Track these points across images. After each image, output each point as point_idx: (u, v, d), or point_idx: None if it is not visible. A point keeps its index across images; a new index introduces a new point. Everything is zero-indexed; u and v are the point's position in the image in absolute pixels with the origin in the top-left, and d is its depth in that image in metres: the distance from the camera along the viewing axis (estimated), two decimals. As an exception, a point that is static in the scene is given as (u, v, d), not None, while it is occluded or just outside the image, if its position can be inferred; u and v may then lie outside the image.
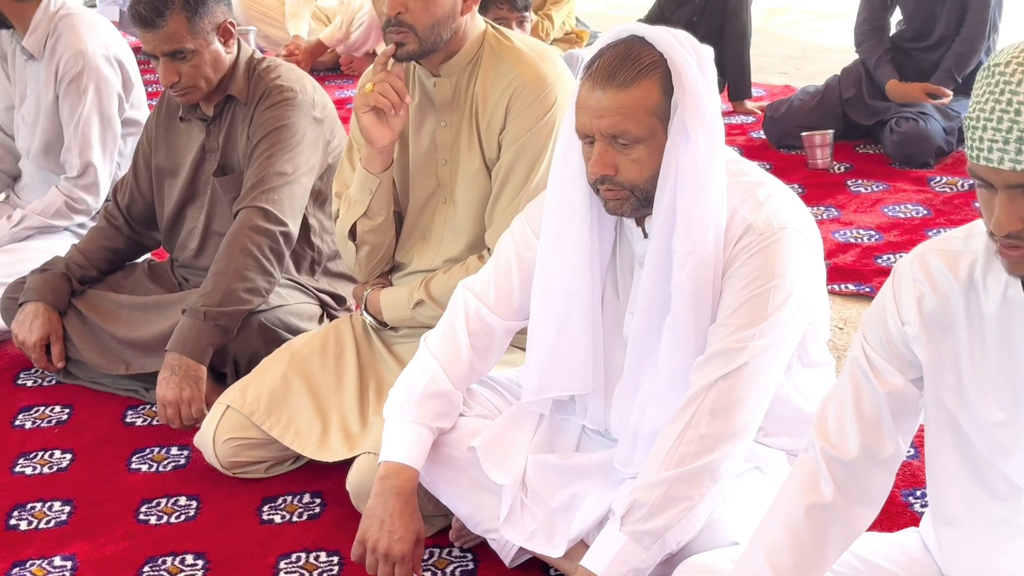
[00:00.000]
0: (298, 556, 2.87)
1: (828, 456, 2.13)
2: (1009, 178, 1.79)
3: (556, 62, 3.05)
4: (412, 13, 2.91)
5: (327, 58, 7.27)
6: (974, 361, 2.03)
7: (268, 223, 3.35)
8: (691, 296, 2.40)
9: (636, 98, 2.35)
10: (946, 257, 2.04)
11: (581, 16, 7.40)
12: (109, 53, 4.16)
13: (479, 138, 3.02)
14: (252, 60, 3.54)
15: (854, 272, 4.26)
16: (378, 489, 2.59)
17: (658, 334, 2.46)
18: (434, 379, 2.64)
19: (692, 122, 2.34)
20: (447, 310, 2.72)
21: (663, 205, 2.39)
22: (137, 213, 3.73)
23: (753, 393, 2.40)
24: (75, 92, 4.09)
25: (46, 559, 2.90)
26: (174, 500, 3.12)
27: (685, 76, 2.35)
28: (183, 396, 3.23)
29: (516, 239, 2.68)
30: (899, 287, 2.08)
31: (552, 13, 6.59)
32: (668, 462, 2.37)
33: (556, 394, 2.65)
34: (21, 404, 3.64)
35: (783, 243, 2.39)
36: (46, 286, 3.66)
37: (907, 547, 2.32)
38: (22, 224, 4.15)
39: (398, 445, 2.61)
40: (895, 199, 4.94)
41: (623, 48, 2.38)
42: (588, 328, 2.55)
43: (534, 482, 2.63)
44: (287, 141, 3.42)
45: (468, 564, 2.80)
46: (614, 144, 2.38)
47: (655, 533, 2.36)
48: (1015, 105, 1.77)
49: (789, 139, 5.59)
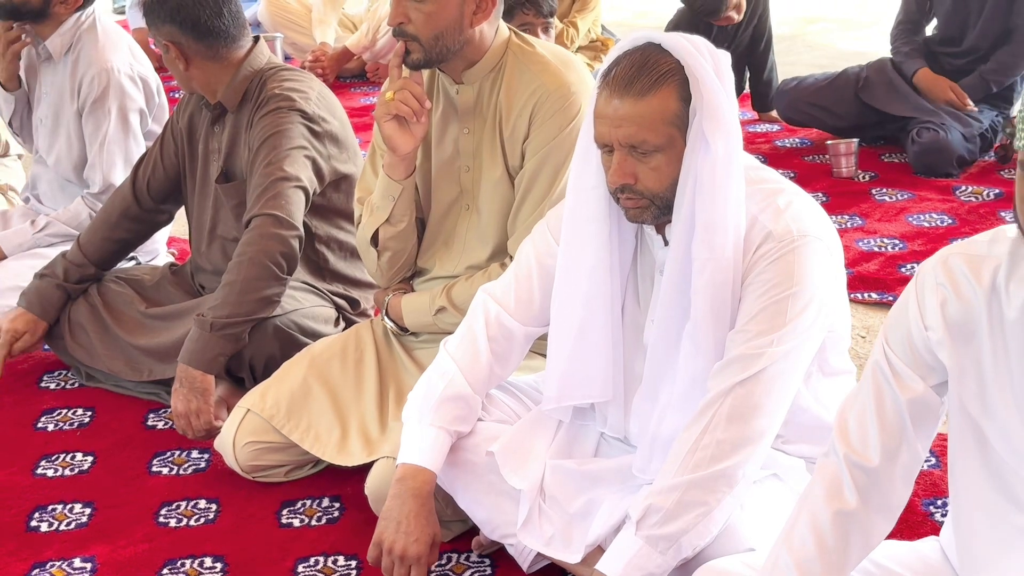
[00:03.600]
0: (316, 560, 2.88)
1: (851, 462, 2.12)
2: None
3: (581, 70, 3.05)
4: (414, 24, 2.91)
5: (353, 65, 7.28)
6: (997, 368, 2.01)
7: (281, 229, 3.35)
8: (710, 302, 2.39)
9: (654, 107, 2.35)
10: (969, 261, 2.02)
11: (607, 25, 7.40)
12: (133, 72, 4.17)
13: (502, 145, 3.03)
14: (263, 72, 3.52)
15: (877, 281, 4.24)
16: (395, 491, 2.59)
17: (677, 341, 2.46)
18: (453, 383, 2.64)
19: (711, 129, 2.34)
20: (467, 315, 2.73)
21: (682, 212, 2.38)
22: (157, 187, 3.72)
23: (771, 399, 2.39)
24: (100, 111, 4.11)
25: (66, 560, 2.92)
26: (194, 503, 3.13)
27: (703, 83, 2.34)
28: (191, 408, 3.24)
29: (537, 245, 2.68)
30: (923, 291, 2.06)
31: (577, 20, 6.58)
32: (684, 467, 2.36)
33: (576, 402, 2.65)
34: (44, 407, 3.66)
35: (803, 250, 2.39)
36: (37, 296, 3.70)
37: (924, 554, 2.30)
38: (46, 231, 4.17)
39: (416, 448, 2.61)
40: (920, 208, 4.92)
41: (639, 56, 2.38)
42: (608, 336, 2.55)
43: (552, 487, 2.63)
44: (284, 147, 3.41)
45: (486, 570, 2.80)
46: (633, 153, 2.38)
47: (670, 538, 2.35)
48: None
49: (795, 112, 5.69)
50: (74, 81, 4.14)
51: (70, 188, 4.26)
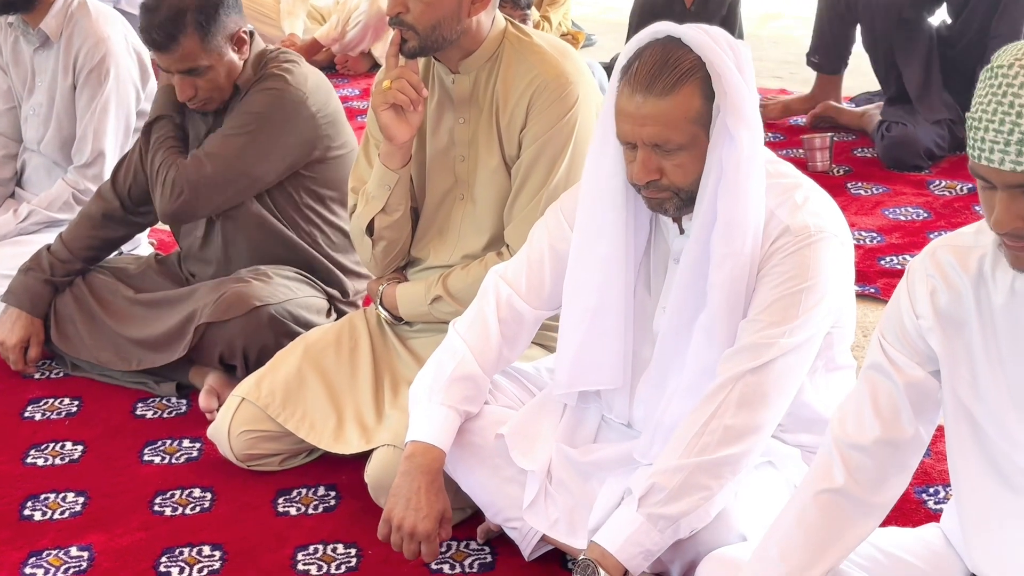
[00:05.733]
0: (315, 548, 2.88)
1: (843, 444, 2.16)
2: (1009, 178, 1.83)
3: (576, 60, 3.06)
4: (412, 14, 2.91)
5: (322, 57, 7.25)
6: (988, 353, 2.06)
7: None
8: (726, 296, 2.42)
9: (677, 106, 2.34)
10: (957, 252, 2.08)
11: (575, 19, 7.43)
12: (128, 44, 4.15)
13: (499, 135, 3.03)
14: (264, 53, 3.54)
15: (858, 273, 4.23)
16: (404, 468, 2.60)
17: (689, 330, 2.48)
18: (463, 363, 2.65)
19: (735, 124, 2.35)
20: (478, 296, 2.73)
21: (704, 205, 2.40)
22: (138, 193, 3.70)
23: (779, 390, 2.42)
24: (96, 79, 4.08)
25: (62, 549, 2.90)
26: (188, 492, 3.12)
27: (725, 79, 2.34)
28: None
29: (551, 229, 2.69)
30: (913, 283, 2.12)
31: (550, 14, 6.63)
32: (691, 449, 2.38)
33: (586, 387, 2.66)
34: (30, 396, 3.64)
35: (819, 245, 2.42)
36: (26, 292, 3.68)
37: (929, 542, 2.34)
38: (29, 220, 4.13)
39: (426, 425, 2.62)
40: (895, 202, 4.97)
41: (660, 52, 2.37)
42: (620, 323, 2.57)
43: (559, 471, 2.64)
44: (245, 127, 3.45)
45: (486, 557, 2.81)
46: (657, 151, 2.38)
47: (671, 518, 2.37)
48: (1016, 107, 1.81)
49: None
50: (68, 57, 4.10)
51: (56, 172, 4.22)
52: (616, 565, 2.36)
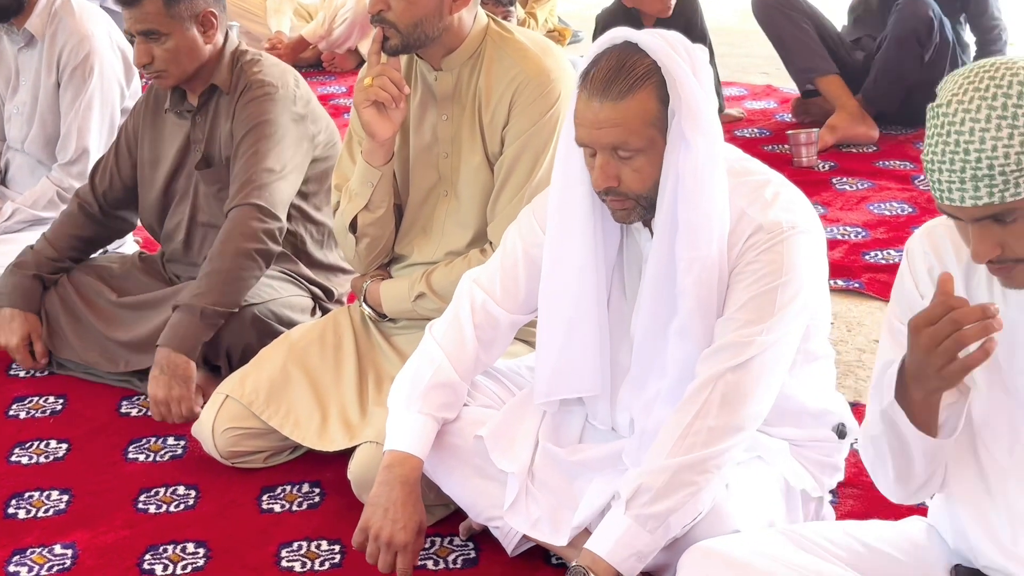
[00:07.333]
0: (300, 545, 2.88)
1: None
2: (974, 213, 1.86)
3: (559, 56, 3.07)
4: (394, 11, 2.92)
5: (309, 54, 7.26)
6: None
7: (264, 220, 3.36)
8: (698, 300, 2.42)
9: (633, 110, 2.35)
10: (953, 235, 2.08)
11: (562, 15, 7.44)
12: (112, 40, 4.16)
13: (482, 132, 3.04)
14: (237, 52, 3.54)
15: (843, 268, 4.29)
16: (382, 478, 2.60)
17: (664, 334, 2.48)
18: (440, 370, 2.65)
19: (690, 129, 2.35)
20: (453, 301, 2.73)
21: (664, 210, 2.40)
22: (113, 198, 3.71)
23: (760, 387, 2.42)
24: (80, 76, 4.08)
25: (46, 547, 2.90)
26: (173, 489, 3.12)
27: (680, 84, 2.35)
28: (172, 395, 3.23)
29: (523, 234, 2.69)
30: (913, 262, 2.14)
31: (536, 11, 6.64)
32: (676, 450, 2.38)
33: (566, 395, 2.66)
34: (14, 394, 3.64)
35: (792, 241, 2.42)
36: (16, 291, 3.67)
37: (910, 534, 2.35)
38: (13, 218, 4.13)
39: (403, 434, 2.62)
40: (880, 197, 4.98)
41: (616, 57, 2.38)
42: (595, 330, 2.57)
43: (542, 471, 2.64)
44: (271, 137, 3.43)
45: (470, 553, 2.82)
46: (615, 156, 2.39)
47: (659, 516, 2.37)
48: (962, 145, 1.82)
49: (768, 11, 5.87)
50: (52, 55, 4.11)
51: (40, 171, 4.22)
52: (608, 569, 2.36)
